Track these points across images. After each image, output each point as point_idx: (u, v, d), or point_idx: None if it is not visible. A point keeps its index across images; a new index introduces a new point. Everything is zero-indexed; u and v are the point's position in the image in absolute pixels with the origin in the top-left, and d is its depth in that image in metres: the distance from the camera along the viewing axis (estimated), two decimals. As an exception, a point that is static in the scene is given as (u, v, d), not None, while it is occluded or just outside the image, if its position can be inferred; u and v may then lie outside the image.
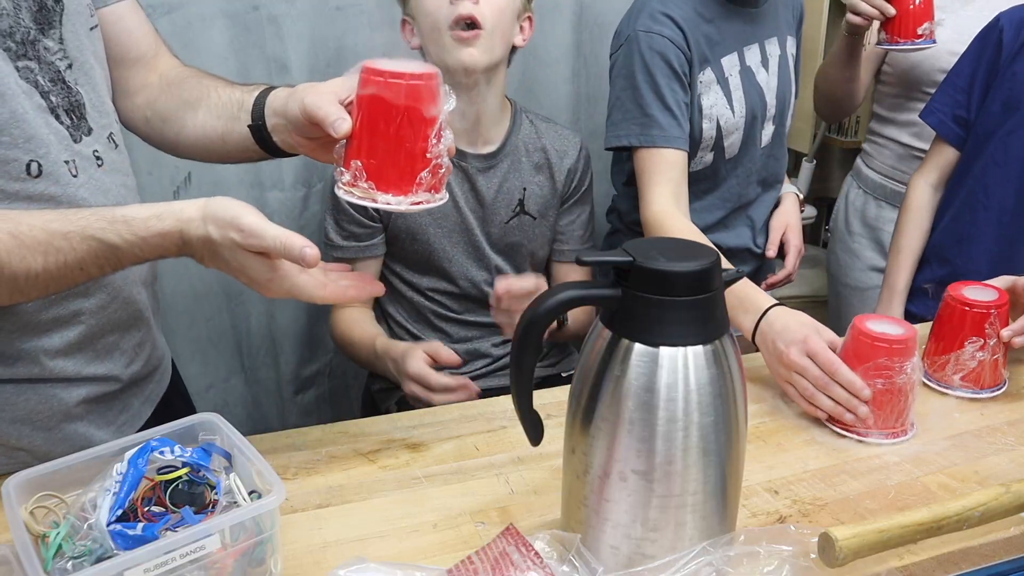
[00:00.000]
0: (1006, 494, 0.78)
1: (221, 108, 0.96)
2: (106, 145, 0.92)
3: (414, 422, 1.05)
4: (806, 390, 1.01)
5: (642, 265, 0.68)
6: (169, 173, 1.56)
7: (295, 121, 0.87)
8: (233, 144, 0.96)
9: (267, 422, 1.79)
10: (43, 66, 0.84)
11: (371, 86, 0.77)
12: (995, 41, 1.39)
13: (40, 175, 0.83)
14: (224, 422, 0.81)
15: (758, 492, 0.90)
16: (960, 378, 1.09)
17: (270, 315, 1.74)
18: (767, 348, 1.07)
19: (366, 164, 0.78)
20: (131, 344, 0.98)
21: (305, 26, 1.58)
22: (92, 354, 0.93)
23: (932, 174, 1.50)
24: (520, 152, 1.36)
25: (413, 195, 0.78)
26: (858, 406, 0.98)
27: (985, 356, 1.08)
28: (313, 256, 0.77)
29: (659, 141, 1.32)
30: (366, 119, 0.77)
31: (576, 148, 1.41)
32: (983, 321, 1.08)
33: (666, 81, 1.32)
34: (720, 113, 1.39)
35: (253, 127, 0.93)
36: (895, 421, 0.99)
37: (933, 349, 1.13)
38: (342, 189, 0.80)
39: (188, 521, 0.71)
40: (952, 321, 1.11)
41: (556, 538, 0.76)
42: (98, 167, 0.89)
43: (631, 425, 0.69)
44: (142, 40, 1.01)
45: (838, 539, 0.71)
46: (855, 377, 0.98)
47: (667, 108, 1.32)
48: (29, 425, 0.90)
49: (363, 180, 0.78)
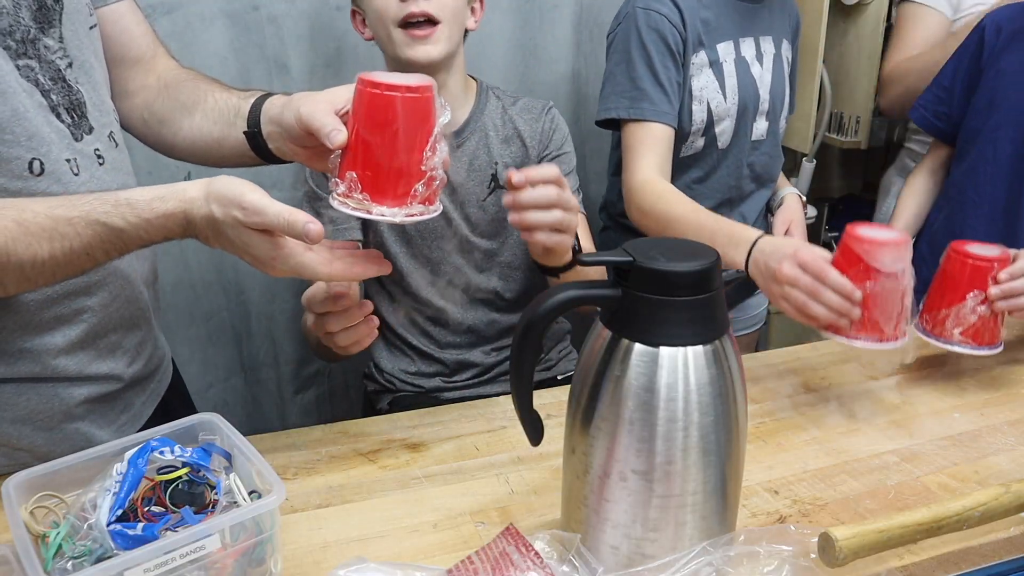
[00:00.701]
0: (1006, 494, 0.78)
1: (218, 113, 0.97)
2: (107, 144, 0.92)
3: (414, 422, 1.05)
4: (798, 300, 1.01)
5: (642, 265, 0.68)
6: (169, 173, 1.56)
7: (290, 130, 0.87)
8: (229, 149, 0.97)
9: (267, 422, 1.79)
10: (43, 64, 0.84)
11: (366, 98, 0.77)
12: (977, 40, 1.45)
13: (42, 173, 0.83)
14: (224, 422, 0.81)
15: (758, 492, 0.90)
16: (960, 332, 1.09)
17: (270, 315, 1.74)
18: (760, 273, 1.08)
19: (361, 176, 0.78)
20: (133, 343, 0.98)
21: (305, 26, 1.58)
22: (94, 353, 0.93)
23: (928, 164, 1.58)
24: (487, 128, 1.32)
25: (408, 207, 0.79)
26: (851, 309, 0.98)
27: (985, 311, 1.07)
28: (317, 232, 0.76)
29: (648, 114, 1.33)
30: (361, 131, 0.78)
31: (543, 109, 1.36)
32: (985, 274, 1.07)
33: (660, 57, 1.34)
34: (711, 97, 1.40)
35: (249, 134, 0.93)
36: (886, 325, 0.98)
37: (933, 304, 1.12)
38: (336, 200, 0.80)
39: (188, 521, 0.71)
40: (954, 274, 1.10)
41: (556, 538, 0.76)
42: (99, 165, 0.90)
43: (631, 425, 0.69)
44: (140, 40, 1.01)
45: (838, 539, 0.71)
46: (844, 280, 0.97)
47: (659, 83, 1.33)
48: (30, 425, 0.90)
49: (358, 192, 0.78)
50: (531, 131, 1.34)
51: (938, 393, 1.12)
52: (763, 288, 1.09)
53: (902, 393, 1.12)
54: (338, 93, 0.84)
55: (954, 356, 1.21)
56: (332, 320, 0.93)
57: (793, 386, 1.13)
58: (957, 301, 1.09)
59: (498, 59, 1.71)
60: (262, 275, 1.69)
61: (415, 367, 1.38)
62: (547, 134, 1.35)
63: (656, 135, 1.34)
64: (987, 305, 1.08)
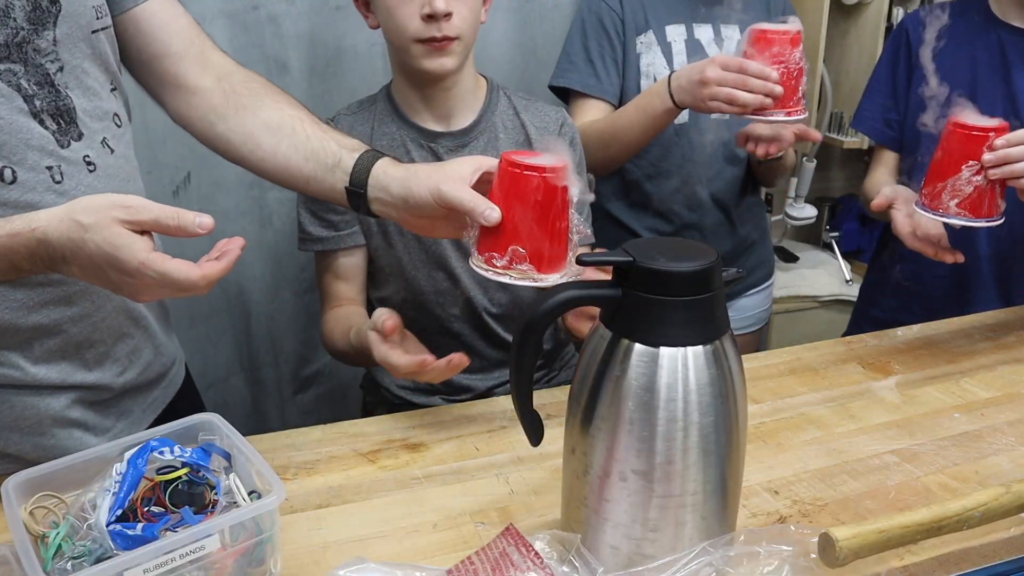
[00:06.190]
0: (1006, 494, 0.78)
1: (310, 151, 0.96)
2: (99, 150, 0.90)
3: (414, 422, 1.05)
4: (728, 94, 1.18)
5: (642, 265, 0.68)
6: (169, 173, 1.56)
7: (420, 205, 0.87)
8: (316, 187, 0.97)
9: (267, 422, 1.79)
10: (30, 68, 0.83)
11: (520, 180, 0.82)
12: (904, 42, 1.47)
13: (14, 182, 0.82)
14: (224, 422, 0.81)
15: (758, 492, 0.90)
16: (956, 204, 1.08)
17: (270, 315, 1.74)
18: (685, 89, 1.24)
19: (527, 249, 0.82)
20: (124, 352, 0.96)
21: (305, 26, 1.58)
22: (79, 363, 0.92)
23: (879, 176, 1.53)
24: (497, 129, 1.29)
25: (566, 270, 0.85)
26: (773, 87, 1.16)
27: (981, 181, 1.06)
28: (209, 223, 0.75)
29: (574, 84, 1.49)
30: (516, 208, 0.82)
31: (558, 119, 1.34)
32: (981, 143, 1.06)
33: (595, 37, 1.50)
34: (658, 72, 1.49)
35: (352, 191, 0.93)
36: (791, 102, 1.19)
37: (932, 179, 1.11)
38: (491, 271, 0.83)
39: (188, 521, 0.71)
40: (951, 147, 1.09)
41: (556, 538, 0.76)
42: (89, 172, 0.88)
43: (631, 425, 0.69)
44: (181, 33, 0.99)
45: (838, 539, 0.71)
46: (762, 65, 1.16)
47: (589, 59, 1.50)
48: (17, 432, 0.90)
49: (521, 263, 0.83)
50: (543, 139, 1.31)
51: (938, 393, 1.12)
52: (693, 99, 1.24)
53: (902, 393, 1.12)
54: (464, 168, 0.86)
55: (954, 356, 1.21)
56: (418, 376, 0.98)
57: (793, 386, 1.13)
58: (953, 173, 1.08)
59: (498, 59, 1.71)
60: (262, 275, 1.70)
61: (412, 383, 1.35)
62: None
63: (592, 103, 1.50)
64: (982, 175, 1.06)
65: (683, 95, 1.26)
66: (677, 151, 1.52)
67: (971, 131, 1.08)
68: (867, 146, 2.43)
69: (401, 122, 1.25)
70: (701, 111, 1.30)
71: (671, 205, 1.56)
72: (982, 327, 1.32)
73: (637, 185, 1.57)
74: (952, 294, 1.48)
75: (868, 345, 1.26)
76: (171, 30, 0.99)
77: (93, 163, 0.89)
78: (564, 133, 1.34)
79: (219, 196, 1.61)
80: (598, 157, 1.40)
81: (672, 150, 1.52)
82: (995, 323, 1.33)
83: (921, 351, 1.23)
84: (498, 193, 0.83)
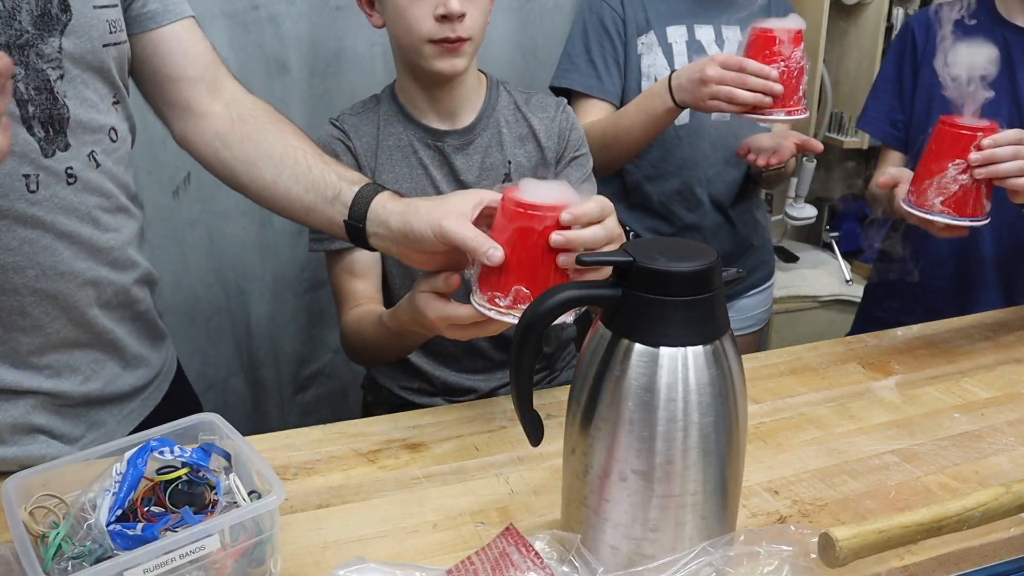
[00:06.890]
0: (1006, 494, 0.78)
1: (310, 183, 0.96)
2: (84, 163, 0.88)
3: (414, 422, 1.05)
4: (728, 93, 1.19)
5: (642, 265, 0.68)
6: (169, 173, 1.56)
7: (420, 240, 0.86)
8: (316, 220, 0.97)
9: (267, 422, 1.79)
10: (30, 73, 0.82)
11: (523, 219, 0.81)
12: (910, 43, 1.48)
13: None
14: (224, 422, 0.81)
15: (758, 492, 0.90)
16: (941, 201, 1.08)
17: (270, 315, 1.74)
18: (686, 88, 1.25)
19: (531, 290, 0.82)
20: (84, 362, 0.94)
21: (305, 26, 1.58)
22: (34, 370, 0.90)
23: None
24: (500, 124, 1.29)
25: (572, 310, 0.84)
26: (772, 86, 1.17)
27: (967, 180, 1.06)
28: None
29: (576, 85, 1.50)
30: (519, 246, 0.81)
31: (559, 108, 1.33)
32: (968, 143, 1.07)
33: (596, 37, 1.50)
34: (659, 73, 1.49)
35: (351, 225, 0.93)
36: (791, 101, 1.19)
37: (919, 176, 1.12)
38: (495, 310, 0.83)
39: (188, 521, 0.71)
40: (939, 145, 1.10)
41: (556, 538, 0.76)
42: (67, 185, 0.87)
43: (631, 425, 0.69)
44: (198, 59, 1.00)
45: (838, 539, 0.71)
46: (761, 64, 1.18)
47: (591, 59, 1.50)
48: None
49: (525, 303, 0.81)
50: (547, 130, 1.31)
51: (938, 393, 1.12)
52: (693, 98, 1.25)
53: (902, 393, 1.12)
54: (465, 203, 0.86)
55: (954, 356, 1.21)
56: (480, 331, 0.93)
57: (793, 386, 1.13)
58: (940, 170, 1.08)
59: (498, 59, 1.71)
60: (262, 275, 1.71)
61: (415, 384, 1.35)
62: (564, 134, 1.32)
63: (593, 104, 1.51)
64: (968, 174, 1.06)
65: (683, 94, 1.26)
66: (677, 152, 1.53)
67: (960, 130, 1.08)
68: (867, 146, 2.43)
69: (407, 122, 1.25)
70: (701, 110, 1.30)
71: (671, 206, 1.57)
72: (982, 327, 1.32)
73: (637, 186, 1.57)
74: (955, 295, 1.49)
75: (868, 345, 1.26)
76: (189, 55, 0.99)
77: (75, 176, 0.87)
78: (564, 120, 1.33)
79: (219, 196, 1.61)
80: (599, 158, 1.40)
81: (672, 151, 1.53)
82: (995, 323, 1.33)
83: (921, 351, 1.23)
84: (501, 231, 0.82)
